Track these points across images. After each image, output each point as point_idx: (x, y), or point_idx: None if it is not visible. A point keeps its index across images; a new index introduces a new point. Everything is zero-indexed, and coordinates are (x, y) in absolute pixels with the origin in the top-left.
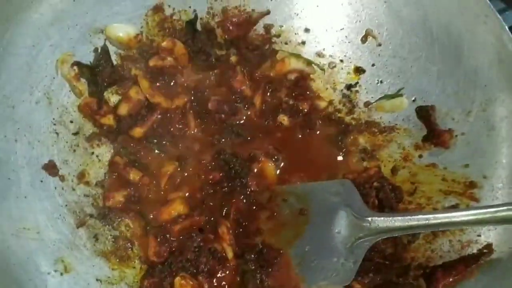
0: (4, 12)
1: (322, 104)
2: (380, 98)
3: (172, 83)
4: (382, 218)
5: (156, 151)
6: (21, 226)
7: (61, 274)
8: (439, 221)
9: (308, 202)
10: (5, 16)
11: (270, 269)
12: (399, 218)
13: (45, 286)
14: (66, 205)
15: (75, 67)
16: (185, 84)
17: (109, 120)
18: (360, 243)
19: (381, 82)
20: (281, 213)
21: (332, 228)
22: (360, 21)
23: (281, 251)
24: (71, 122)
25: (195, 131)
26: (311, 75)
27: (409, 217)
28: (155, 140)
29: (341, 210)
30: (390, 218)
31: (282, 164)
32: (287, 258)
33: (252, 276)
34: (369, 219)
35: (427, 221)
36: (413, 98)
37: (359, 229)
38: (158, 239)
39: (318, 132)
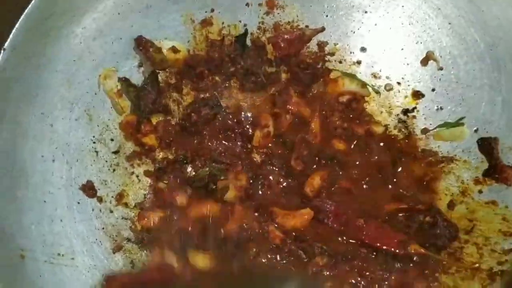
0: (44, 27)
1: (379, 129)
2: (439, 126)
3: None
4: None
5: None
6: (55, 252)
7: None
8: None
9: None
10: (45, 31)
11: None
12: None
13: None
14: (103, 228)
15: (118, 83)
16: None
17: (151, 139)
18: None
19: (441, 108)
20: None
21: None
22: (421, 43)
23: None
24: (112, 140)
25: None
26: (365, 98)
27: None
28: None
29: None
30: None
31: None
32: None
33: None
34: None
35: None
36: (475, 129)
37: None
38: None
39: (373, 159)
